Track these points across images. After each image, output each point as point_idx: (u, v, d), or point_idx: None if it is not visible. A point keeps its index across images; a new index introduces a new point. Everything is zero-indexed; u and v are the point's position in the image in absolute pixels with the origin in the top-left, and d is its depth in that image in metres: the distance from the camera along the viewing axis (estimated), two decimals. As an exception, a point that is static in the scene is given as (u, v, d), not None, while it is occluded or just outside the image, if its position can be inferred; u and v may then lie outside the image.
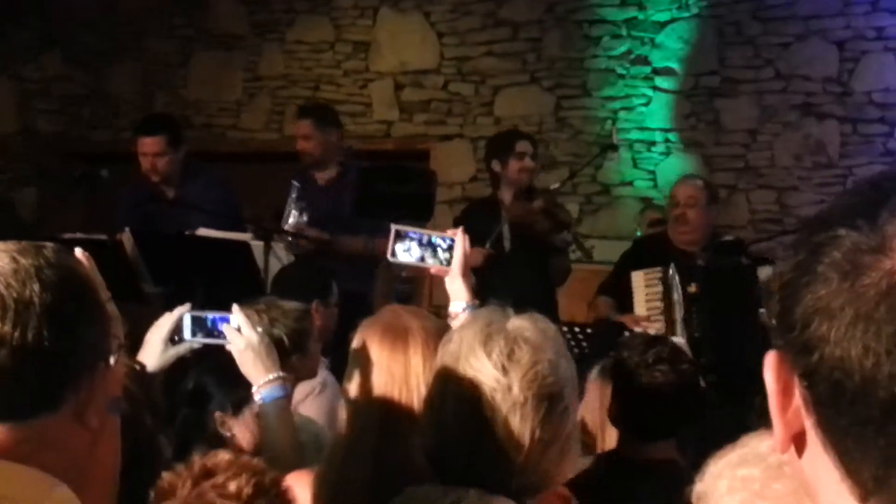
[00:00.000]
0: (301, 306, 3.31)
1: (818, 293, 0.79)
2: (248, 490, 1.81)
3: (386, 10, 8.09)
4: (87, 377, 1.43)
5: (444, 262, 2.63)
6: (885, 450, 0.76)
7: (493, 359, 1.84)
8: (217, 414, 2.98)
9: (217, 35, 8.37)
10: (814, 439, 0.82)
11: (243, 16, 8.35)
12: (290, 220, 5.32)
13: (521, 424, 1.81)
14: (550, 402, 1.83)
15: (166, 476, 1.86)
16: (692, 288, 5.09)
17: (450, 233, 2.68)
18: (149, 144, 5.64)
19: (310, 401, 3.66)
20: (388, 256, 2.69)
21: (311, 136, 5.82)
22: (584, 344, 4.73)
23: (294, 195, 5.38)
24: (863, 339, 0.76)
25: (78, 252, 2.21)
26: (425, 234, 2.67)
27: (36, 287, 1.38)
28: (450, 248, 2.63)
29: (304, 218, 5.33)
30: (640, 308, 5.23)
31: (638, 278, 5.27)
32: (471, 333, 1.89)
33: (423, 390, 2.06)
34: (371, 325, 2.32)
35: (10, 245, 1.44)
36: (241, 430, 2.96)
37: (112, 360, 1.50)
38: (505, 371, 1.83)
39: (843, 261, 0.78)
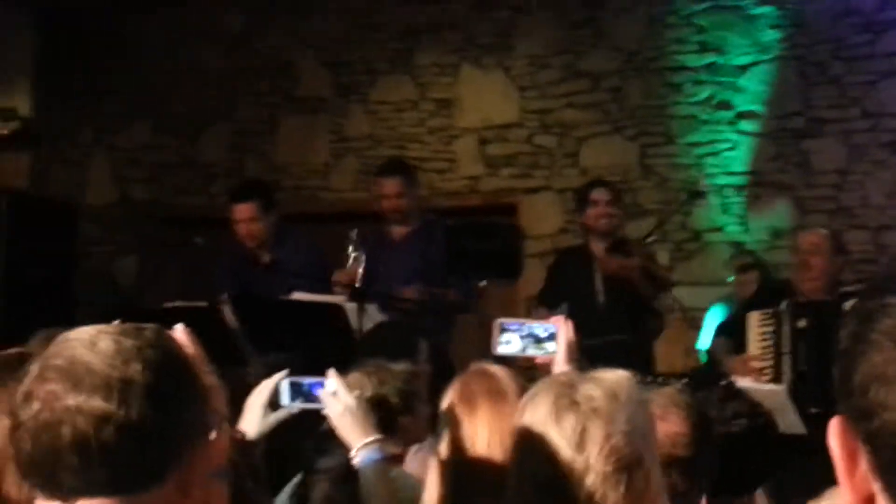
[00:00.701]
0: (409, 367, 3.36)
1: (873, 360, 0.81)
2: None
3: (467, 66, 8.18)
4: (189, 452, 1.48)
5: (548, 351, 2.65)
6: None
7: (567, 436, 1.84)
8: None
9: (302, 99, 8.54)
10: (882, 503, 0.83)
11: (327, 78, 8.50)
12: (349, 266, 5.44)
13: (603, 499, 1.82)
14: (629, 471, 1.83)
15: None
16: (802, 322, 5.13)
17: (552, 320, 2.71)
18: (243, 211, 5.77)
19: (412, 457, 3.70)
20: (493, 351, 2.70)
21: (403, 194, 5.89)
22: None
23: (352, 246, 5.46)
24: None
25: (178, 328, 2.28)
26: (526, 324, 2.69)
27: (138, 367, 1.44)
28: (551, 336, 2.65)
29: (361, 264, 5.43)
30: (752, 346, 5.29)
31: (753, 318, 5.32)
32: (543, 408, 1.89)
33: (492, 456, 2.08)
34: (453, 387, 2.37)
35: (113, 327, 1.50)
36: None
37: (213, 434, 1.55)
38: (580, 448, 1.83)
39: (895, 328, 0.80)
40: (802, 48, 7.45)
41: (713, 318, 6.75)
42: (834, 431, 0.86)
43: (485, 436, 2.23)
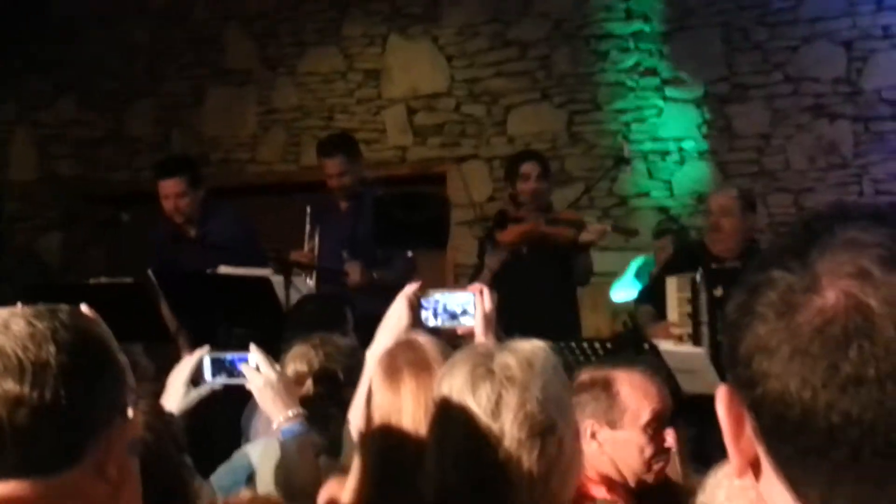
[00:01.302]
0: (352, 343, 3.38)
1: (758, 331, 0.85)
2: None
3: (394, 37, 8.16)
4: (106, 432, 1.48)
5: (464, 324, 2.66)
6: (829, 475, 0.82)
7: (482, 405, 1.89)
8: None
9: (229, 71, 8.47)
10: (766, 465, 0.87)
11: (253, 51, 8.44)
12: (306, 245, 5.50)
13: (518, 464, 1.86)
14: (543, 437, 1.88)
15: None
16: (718, 291, 5.17)
17: (469, 288, 2.73)
18: (170, 186, 5.73)
19: None
20: (415, 327, 2.71)
21: (345, 172, 5.93)
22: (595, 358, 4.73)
23: (308, 224, 5.53)
24: (800, 373, 0.82)
25: (84, 308, 2.27)
26: (443, 297, 2.69)
27: (52, 349, 1.43)
28: (466, 309, 2.66)
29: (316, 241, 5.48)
30: (672, 312, 5.34)
31: (671, 284, 5.37)
32: (459, 378, 1.93)
33: (418, 427, 2.11)
34: (378, 360, 2.38)
35: (27, 310, 1.49)
36: None
37: (129, 413, 1.55)
38: (495, 416, 1.88)
39: (779, 301, 0.84)
40: (727, 14, 7.52)
41: (633, 268, 6.83)
42: (721, 398, 0.90)
43: (409, 408, 2.24)
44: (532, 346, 2.00)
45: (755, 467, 0.89)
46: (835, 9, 7.32)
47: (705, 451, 4.56)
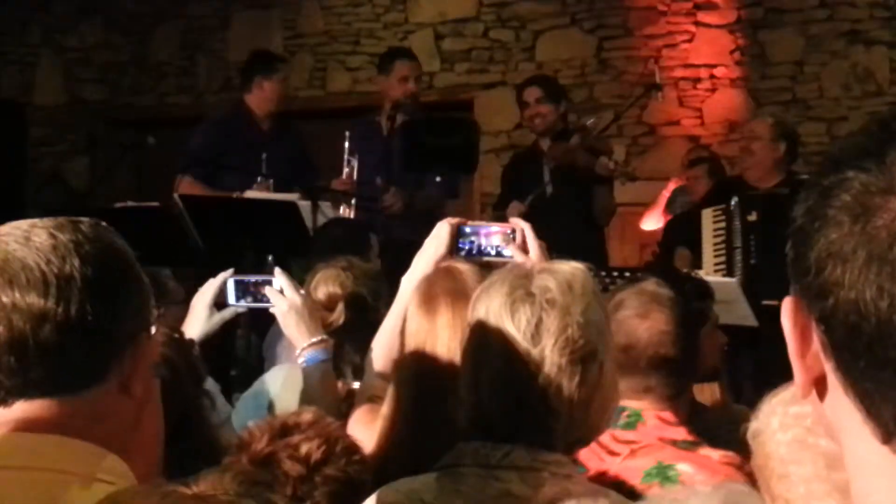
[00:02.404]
0: (375, 267, 3.35)
1: (830, 237, 0.79)
2: (317, 455, 1.83)
3: (423, -40, 8.04)
4: (131, 348, 1.45)
5: (504, 256, 2.57)
6: None
7: (521, 329, 1.83)
8: None
9: (255, -5, 8.38)
10: (834, 383, 0.82)
11: (280, -26, 8.34)
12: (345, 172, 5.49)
13: (557, 391, 1.81)
14: (584, 363, 1.83)
15: (250, 426, 1.89)
16: (752, 216, 5.16)
17: (511, 222, 2.61)
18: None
19: None
20: (453, 255, 2.60)
21: (417, 78, 6.01)
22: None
23: (347, 151, 5.53)
24: (877, 281, 0.76)
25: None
26: (475, 241, 2.59)
27: (76, 262, 1.40)
28: (507, 240, 2.56)
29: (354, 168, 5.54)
30: (707, 244, 5.34)
31: (706, 215, 5.35)
32: (497, 300, 1.87)
33: (453, 356, 2.07)
34: (416, 290, 2.34)
35: (48, 221, 1.46)
36: None
37: (153, 329, 1.52)
38: (535, 341, 1.82)
39: (854, 203, 0.78)
40: (762, -63, 7.36)
41: (665, 198, 6.78)
42: (787, 311, 0.84)
43: (444, 336, 2.20)
44: (572, 268, 1.93)
45: (820, 386, 0.83)
46: (873, -70, 7.15)
47: (737, 380, 4.55)
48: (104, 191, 6.67)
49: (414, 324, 2.28)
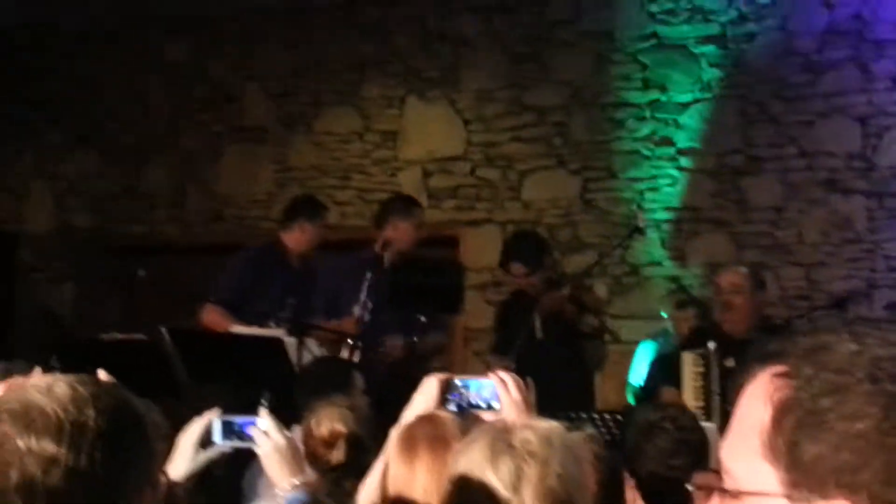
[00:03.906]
0: (369, 408, 3.39)
1: None
2: None
3: (413, 99, 8.23)
4: (135, 502, 1.49)
5: (494, 408, 2.61)
6: None
7: (502, 478, 1.87)
8: None
9: (247, 129, 8.54)
10: None
11: (271, 109, 8.52)
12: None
13: None
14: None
15: None
16: (729, 362, 5.22)
17: (489, 377, 2.65)
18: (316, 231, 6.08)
19: None
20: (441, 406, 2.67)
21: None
22: (616, 431, 4.74)
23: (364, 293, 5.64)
24: None
25: (101, 374, 2.28)
26: (464, 394, 2.63)
27: (91, 413, 1.44)
28: (493, 394, 2.61)
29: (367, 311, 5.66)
30: (687, 387, 5.41)
31: (687, 358, 5.45)
32: (478, 453, 1.92)
33: (431, 502, 2.09)
34: (396, 435, 2.38)
35: (70, 376, 1.51)
36: None
37: (158, 489, 1.56)
38: (516, 490, 1.86)
39: None
40: (743, 87, 7.57)
41: (644, 353, 6.84)
42: None
43: (422, 482, 2.23)
44: (549, 424, 2.00)
45: None
46: (851, 85, 7.36)
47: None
48: (91, 319, 6.70)
49: (393, 468, 2.31)
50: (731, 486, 0.97)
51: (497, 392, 2.58)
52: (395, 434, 2.50)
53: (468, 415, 2.54)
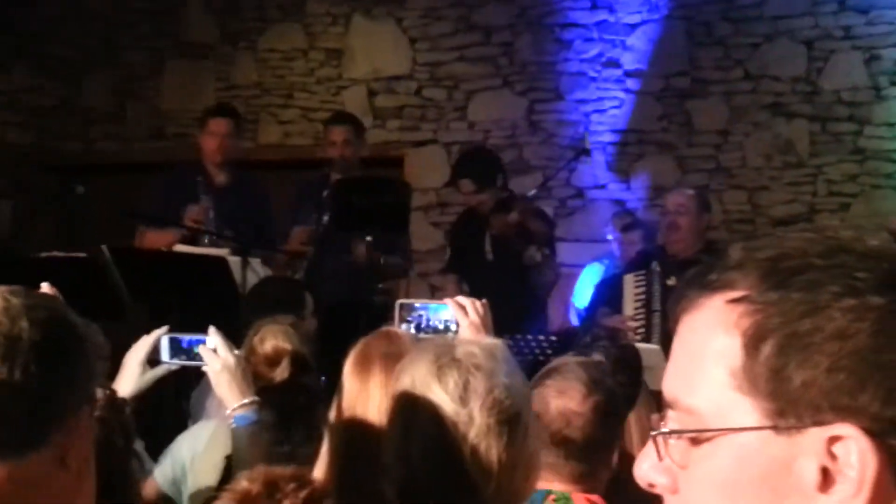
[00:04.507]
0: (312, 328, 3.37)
1: None
2: None
3: (358, 17, 8.10)
4: (72, 420, 1.44)
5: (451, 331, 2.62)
6: None
7: (449, 391, 1.86)
8: None
9: (188, 44, 8.36)
10: None
11: (214, 25, 8.34)
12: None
13: (487, 452, 1.84)
14: (510, 425, 1.86)
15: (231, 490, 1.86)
16: (671, 281, 5.27)
17: (444, 301, 2.69)
18: (221, 125, 5.84)
19: None
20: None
21: (350, 143, 5.97)
22: (549, 352, 4.76)
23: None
24: None
25: (45, 287, 2.22)
26: (423, 314, 2.65)
27: (25, 324, 1.39)
28: (450, 323, 2.61)
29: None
30: (628, 308, 5.49)
31: (628, 280, 5.50)
32: (423, 367, 1.90)
33: (383, 420, 2.08)
34: (351, 352, 2.36)
35: (3, 287, 1.46)
36: None
37: (95, 403, 1.52)
38: (463, 402, 1.85)
39: None
40: (691, 8, 7.55)
41: (588, 276, 6.88)
42: (855, 453, 0.87)
43: (377, 399, 2.21)
44: (490, 340, 2.01)
45: None
46: (798, 7, 7.37)
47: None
48: (28, 236, 6.58)
49: (347, 384, 2.29)
50: (698, 426, 0.91)
51: (455, 315, 2.57)
52: (351, 351, 2.48)
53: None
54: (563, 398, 2.47)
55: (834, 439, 0.85)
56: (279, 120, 8.17)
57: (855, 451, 0.84)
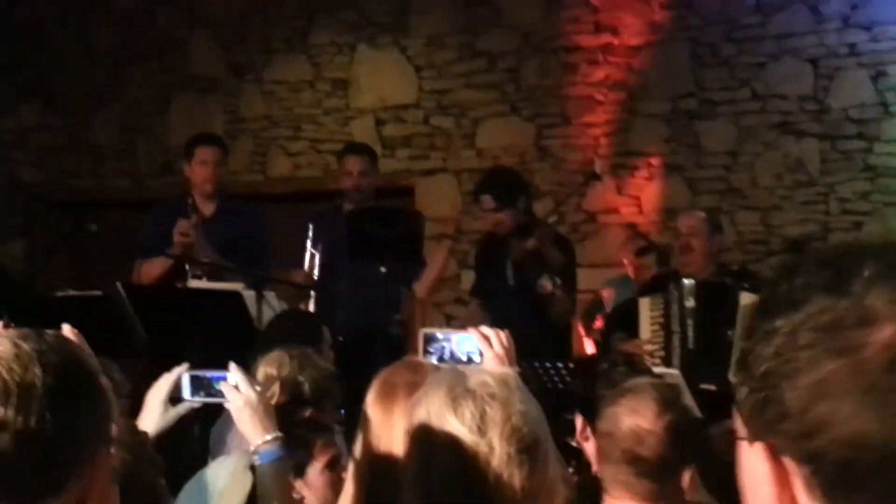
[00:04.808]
0: (329, 366, 3.36)
1: (815, 377, 0.79)
2: None
3: (363, 46, 8.12)
4: (90, 461, 1.44)
5: (475, 362, 2.59)
6: None
7: (466, 422, 1.84)
8: None
9: (195, 78, 8.39)
10: None
11: (220, 57, 8.37)
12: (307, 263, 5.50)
13: (510, 481, 1.82)
14: (530, 453, 1.84)
15: None
16: (689, 302, 5.29)
17: (468, 331, 2.66)
18: (210, 153, 5.83)
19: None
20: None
21: (367, 173, 5.93)
22: (566, 379, 4.72)
23: (310, 242, 5.56)
24: (874, 412, 0.77)
25: (66, 329, 2.22)
26: (446, 346, 2.63)
27: (38, 371, 1.39)
28: (473, 355, 2.60)
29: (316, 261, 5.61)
30: (644, 331, 5.44)
31: (643, 303, 5.49)
32: (437, 400, 1.88)
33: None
34: (374, 382, 2.35)
35: (11, 331, 1.46)
36: (309, 491, 2.95)
37: (112, 443, 1.51)
38: (482, 432, 1.83)
39: (830, 340, 0.79)
40: (695, 29, 7.56)
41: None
42: (759, 458, 0.84)
43: (400, 428, 2.20)
44: (501, 369, 2.01)
45: None
46: (801, 25, 7.37)
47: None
48: (42, 275, 6.57)
49: (371, 415, 2.28)
50: None
51: (479, 346, 2.56)
52: (374, 381, 2.46)
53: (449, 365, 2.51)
54: (636, 416, 2.47)
55: None
56: (288, 152, 8.18)
57: None
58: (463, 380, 1.91)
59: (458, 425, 1.84)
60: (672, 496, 2.51)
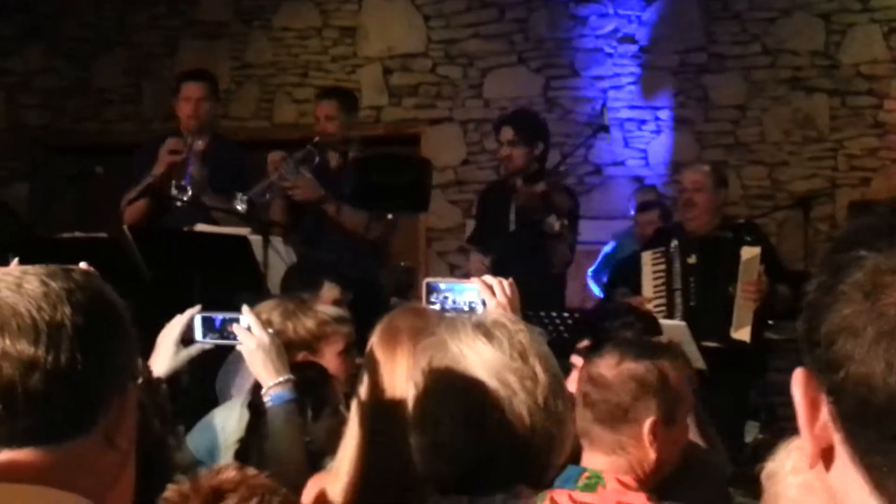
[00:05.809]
0: (332, 316, 3.38)
1: (842, 312, 0.82)
2: None
3: (371, -7, 8.06)
4: (117, 399, 1.44)
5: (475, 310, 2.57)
6: None
7: (506, 350, 1.82)
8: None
9: (203, 23, 8.33)
10: (842, 454, 0.84)
11: (228, 3, 8.31)
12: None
13: (554, 407, 1.81)
14: (560, 380, 1.87)
15: (172, 492, 1.85)
16: (692, 259, 5.28)
17: (472, 281, 2.64)
18: (194, 89, 5.72)
19: None
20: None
21: (335, 118, 5.82)
22: (571, 327, 4.72)
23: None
24: (885, 357, 0.79)
25: (83, 266, 2.21)
26: (449, 295, 2.61)
27: (67, 310, 1.38)
28: (475, 304, 2.58)
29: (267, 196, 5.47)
30: (647, 286, 5.45)
31: (646, 258, 5.49)
32: (466, 332, 1.85)
33: (412, 392, 2.01)
34: (377, 326, 2.34)
35: (39, 268, 1.44)
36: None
37: (139, 380, 1.51)
38: (524, 358, 1.81)
39: (865, 281, 0.82)
40: (706, -19, 7.50)
41: (605, 254, 6.86)
42: (797, 382, 0.87)
43: (403, 374, 2.19)
44: (513, 318, 1.97)
45: (828, 456, 0.86)
46: (814, -21, 7.32)
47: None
48: (45, 218, 6.58)
49: (374, 358, 2.28)
50: None
51: (482, 296, 2.55)
52: (377, 325, 2.45)
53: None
54: (599, 362, 2.46)
55: None
56: (294, 99, 8.14)
57: None
58: (484, 317, 1.91)
59: (497, 353, 1.81)
60: (636, 457, 2.41)
